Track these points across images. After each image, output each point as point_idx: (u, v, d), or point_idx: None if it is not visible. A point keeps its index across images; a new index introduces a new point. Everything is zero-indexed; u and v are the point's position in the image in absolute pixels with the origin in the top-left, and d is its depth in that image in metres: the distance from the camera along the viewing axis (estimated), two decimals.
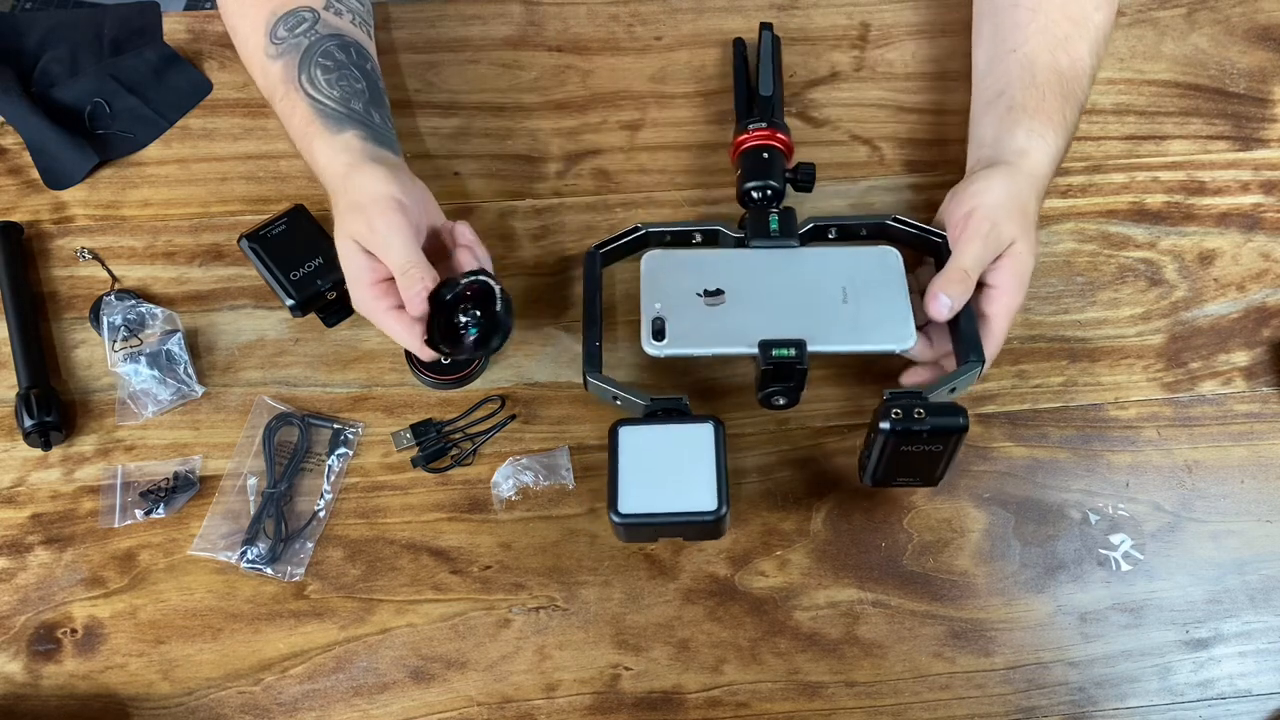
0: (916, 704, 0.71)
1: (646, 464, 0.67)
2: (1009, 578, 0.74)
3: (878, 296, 0.74)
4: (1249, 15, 0.92)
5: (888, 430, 0.65)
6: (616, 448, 0.68)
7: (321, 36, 0.77)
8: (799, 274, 0.75)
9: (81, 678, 0.71)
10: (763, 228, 0.77)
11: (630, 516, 0.66)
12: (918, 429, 0.65)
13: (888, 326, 0.73)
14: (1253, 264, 0.83)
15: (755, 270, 0.75)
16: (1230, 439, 0.78)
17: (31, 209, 0.84)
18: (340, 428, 0.77)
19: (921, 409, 0.65)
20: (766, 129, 0.80)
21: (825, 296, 0.74)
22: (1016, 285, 0.72)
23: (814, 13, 0.93)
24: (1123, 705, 0.71)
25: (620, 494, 0.66)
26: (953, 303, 0.71)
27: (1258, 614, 0.73)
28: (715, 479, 0.67)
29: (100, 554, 0.73)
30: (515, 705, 0.71)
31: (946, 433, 0.66)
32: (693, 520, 0.66)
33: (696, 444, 0.68)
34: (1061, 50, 0.79)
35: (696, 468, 0.67)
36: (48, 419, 0.75)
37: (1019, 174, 0.75)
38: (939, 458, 0.68)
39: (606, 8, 0.93)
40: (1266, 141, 0.88)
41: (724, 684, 0.71)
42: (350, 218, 0.71)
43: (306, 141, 0.76)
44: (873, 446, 0.68)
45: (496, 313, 0.71)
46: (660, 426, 0.69)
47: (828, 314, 0.73)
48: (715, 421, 0.69)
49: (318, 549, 0.74)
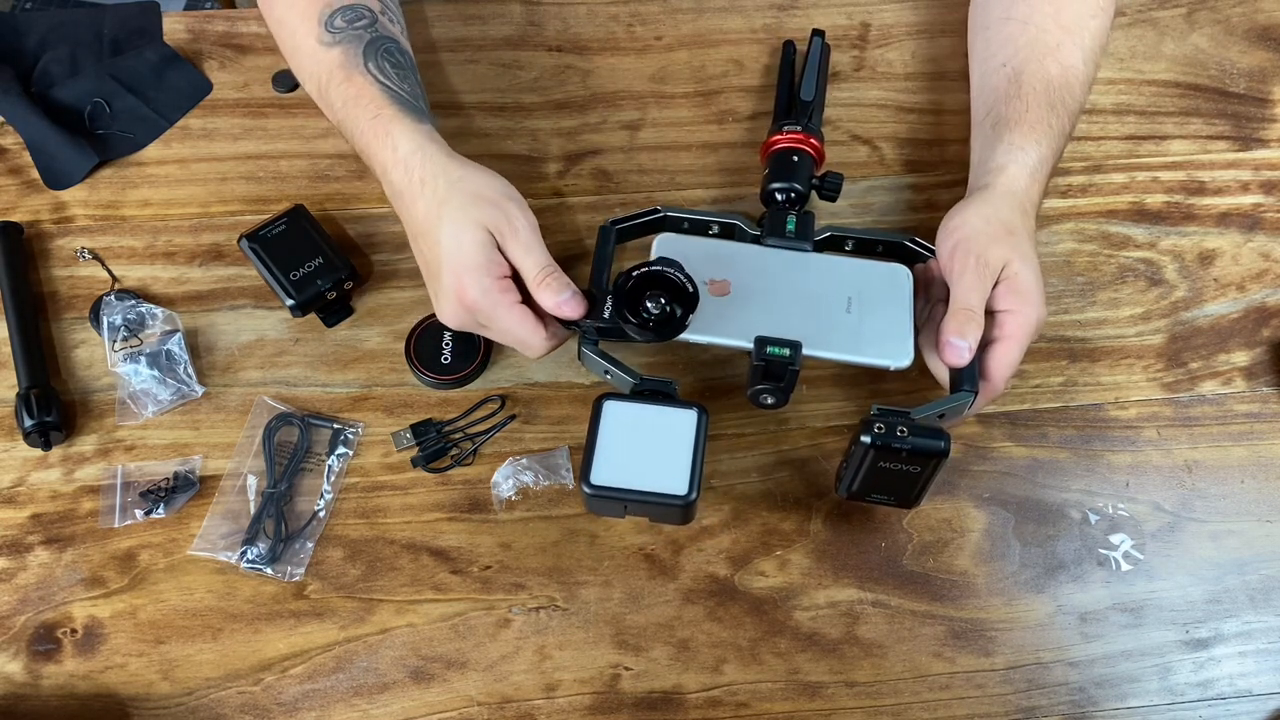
0: (916, 704, 0.71)
1: (625, 440, 0.68)
2: (1009, 578, 0.74)
3: (882, 312, 0.73)
4: (1249, 15, 0.92)
5: (868, 443, 0.65)
6: (598, 420, 0.68)
7: (381, 36, 0.78)
8: (807, 278, 0.75)
9: (81, 678, 0.71)
10: (779, 227, 0.76)
11: (601, 489, 0.66)
12: (898, 446, 0.65)
13: (886, 342, 0.72)
14: (1253, 264, 0.83)
15: (765, 268, 0.75)
16: (1230, 439, 0.78)
17: (31, 209, 0.84)
18: (340, 428, 0.77)
19: (905, 428, 0.65)
20: (801, 133, 0.80)
21: (829, 304, 0.74)
22: (1022, 303, 0.71)
23: (814, 13, 0.93)
24: (1123, 705, 0.71)
25: (594, 465, 0.67)
26: (968, 342, 0.69)
27: (1258, 614, 0.73)
28: (691, 465, 0.67)
29: (100, 554, 0.73)
30: (515, 705, 0.71)
31: (926, 455, 0.66)
32: (662, 502, 0.66)
33: (678, 428, 0.68)
34: (1052, 59, 0.78)
35: (674, 451, 0.67)
36: (48, 419, 0.75)
37: (994, 195, 0.74)
38: (916, 480, 0.68)
39: (606, 8, 0.93)
40: (1266, 141, 0.88)
41: (724, 684, 0.71)
42: (478, 208, 0.70)
43: (379, 124, 0.74)
44: (851, 458, 0.68)
45: (688, 312, 0.70)
46: (645, 406, 0.69)
47: (829, 321, 0.73)
48: (700, 409, 0.69)
49: (318, 549, 0.74)
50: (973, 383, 0.70)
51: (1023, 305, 0.70)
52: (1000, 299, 0.71)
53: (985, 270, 0.71)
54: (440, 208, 0.70)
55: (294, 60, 0.81)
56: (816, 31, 0.88)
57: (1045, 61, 0.78)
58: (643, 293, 0.69)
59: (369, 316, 0.81)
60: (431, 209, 0.70)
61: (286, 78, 0.88)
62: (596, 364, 0.72)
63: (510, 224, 0.70)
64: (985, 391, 0.71)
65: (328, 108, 0.78)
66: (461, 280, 0.69)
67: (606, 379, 0.73)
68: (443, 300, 0.71)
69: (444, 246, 0.69)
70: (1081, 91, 0.80)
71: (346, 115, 0.76)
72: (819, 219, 0.78)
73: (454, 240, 0.69)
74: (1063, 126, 0.78)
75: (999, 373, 0.70)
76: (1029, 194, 0.75)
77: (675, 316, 0.69)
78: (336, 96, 0.76)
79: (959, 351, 0.69)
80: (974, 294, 0.70)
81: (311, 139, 0.87)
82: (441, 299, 0.71)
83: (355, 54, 0.76)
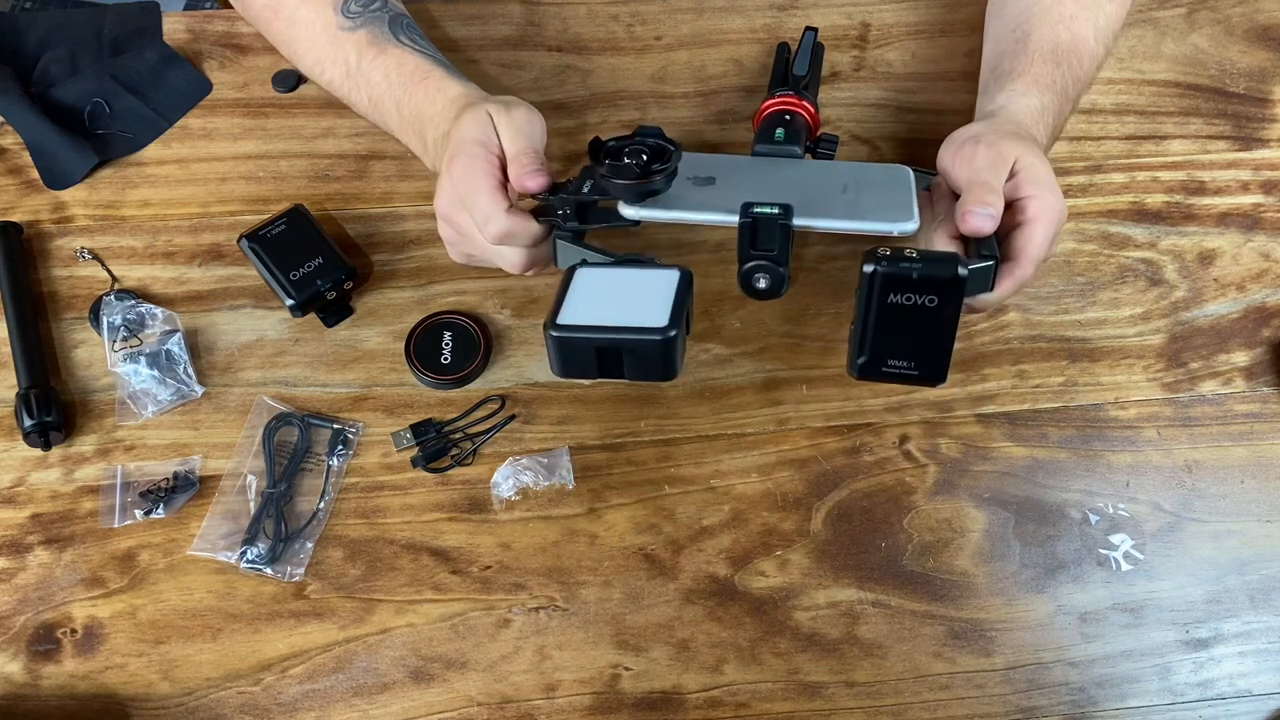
0: (916, 704, 0.71)
1: (600, 295, 0.60)
2: (1009, 578, 0.74)
3: (880, 191, 0.68)
4: (1249, 15, 0.92)
5: (872, 271, 0.58)
6: (569, 282, 0.61)
7: (399, 13, 0.80)
8: (799, 174, 0.70)
9: (81, 678, 0.71)
10: (768, 135, 0.72)
11: (569, 329, 0.58)
12: (906, 270, 0.58)
13: (888, 210, 0.66)
14: (1253, 264, 0.83)
15: (752, 168, 0.71)
16: (1230, 439, 0.78)
17: (31, 209, 0.84)
18: (340, 428, 0.77)
19: (914, 253, 0.58)
20: (794, 96, 0.76)
21: (824, 188, 0.68)
22: (1042, 188, 0.66)
23: (814, 13, 0.93)
24: (1123, 705, 0.71)
25: (562, 311, 0.59)
26: (991, 209, 0.63)
27: (1258, 614, 0.73)
28: (671, 304, 0.58)
29: (100, 554, 0.73)
30: (515, 705, 0.71)
31: (941, 283, 0.58)
32: (639, 340, 0.57)
33: (659, 284, 0.60)
34: (1064, 27, 0.78)
35: (654, 298, 0.59)
36: (47, 419, 0.75)
37: (994, 120, 0.73)
38: (936, 329, 0.60)
39: (606, 8, 0.93)
40: (1266, 141, 0.88)
41: (724, 684, 0.71)
42: (493, 103, 0.71)
43: (430, 84, 0.75)
44: (858, 308, 0.60)
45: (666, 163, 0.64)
46: (622, 269, 0.62)
47: (824, 197, 0.67)
48: (683, 270, 0.62)
49: (317, 549, 0.74)
50: (992, 249, 0.64)
51: (1043, 191, 0.66)
52: (1019, 188, 0.66)
53: (997, 154, 0.67)
54: (466, 112, 0.71)
55: (313, 53, 0.81)
56: (810, 28, 0.88)
57: (1056, 28, 0.78)
58: (621, 154, 0.64)
59: (369, 316, 0.81)
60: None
61: (286, 77, 0.88)
62: (572, 253, 0.66)
63: (509, 113, 0.70)
64: (1014, 274, 0.65)
65: (363, 85, 0.78)
66: (454, 154, 0.69)
67: None
68: (439, 183, 0.71)
69: (453, 134, 0.70)
70: (1090, 64, 0.79)
71: (389, 86, 0.77)
72: None
73: (462, 124, 0.70)
74: (1065, 86, 0.76)
75: (1028, 253, 0.65)
76: (1033, 130, 0.73)
77: (651, 167, 0.63)
78: (375, 70, 0.77)
79: (981, 217, 0.63)
80: (988, 172, 0.66)
81: (311, 139, 0.87)
82: (439, 182, 0.71)
83: (382, 30, 0.78)
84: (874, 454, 0.77)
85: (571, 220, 0.66)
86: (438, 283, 0.82)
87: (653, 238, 0.83)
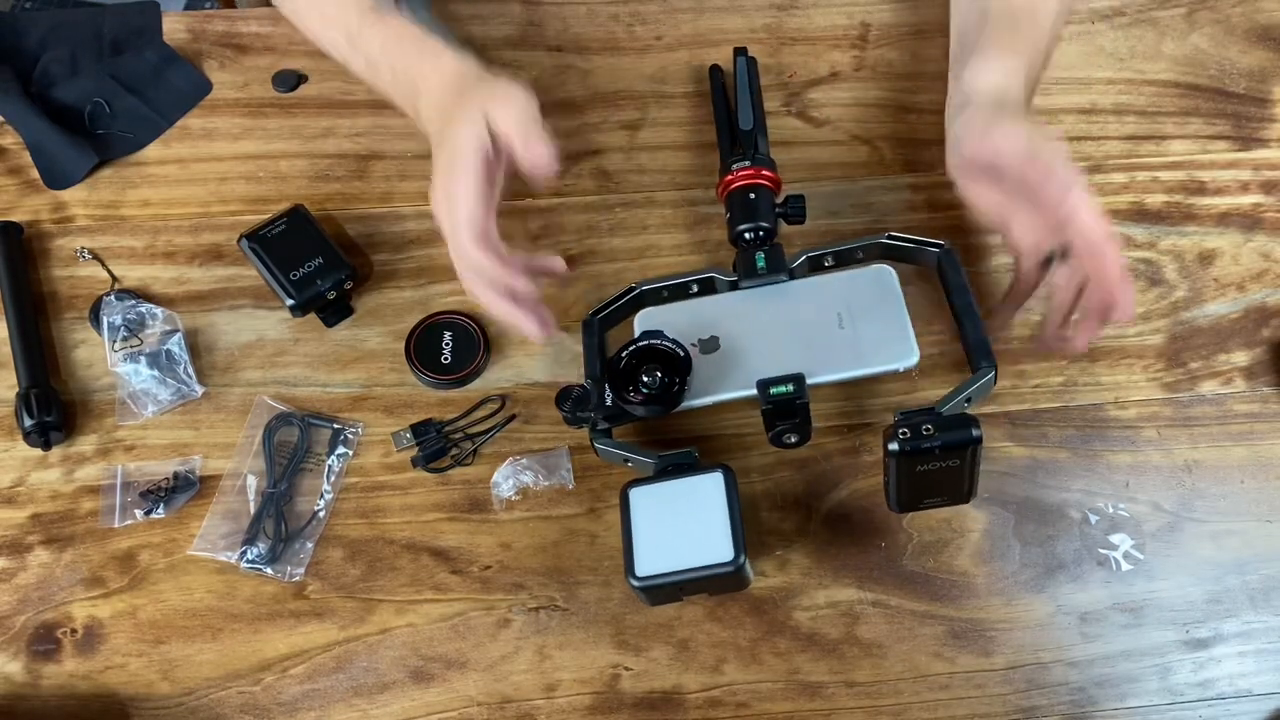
0: (916, 704, 0.71)
1: (659, 521, 0.68)
2: (1009, 578, 0.74)
3: (875, 317, 0.73)
4: (1249, 15, 0.92)
5: (896, 451, 0.64)
6: (628, 509, 0.68)
7: None
8: (793, 307, 0.75)
9: (81, 678, 0.71)
10: (751, 268, 0.76)
11: (649, 579, 0.66)
12: (928, 446, 0.64)
13: (889, 346, 0.72)
14: (1253, 264, 0.83)
15: (748, 311, 0.75)
16: (1230, 439, 0.78)
17: (31, 209, 0.84)
18: (340, 428, 0.77)
19: (930, 425, 0.64)
20: (751, 168, 0.79)
21: (821, 326, 0.73)
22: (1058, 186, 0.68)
23: (814, 13, 0.93)
24: (1123, 705, 0.71)
25: (636, 556, 0.67)
26: (1081, 337, 0.72)
27: (1258, 614, 0.73)
28: (729, 527, 0.66)
29: (100, 554, 0.73)
30: (515, 705, 0.71)
31: (959, 447, 0.64)
32: (713, 575, 0.66)
33: (708, 495, 0.68)
34: None
35: (710, 519, 0.67)
36: (48, 419, 0.75)
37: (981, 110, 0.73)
38: (960, 473, 0.66)
39: (606, 8, 0.93)
40: (1266, 141, 0.88)
41: (724, 684, 0.71)
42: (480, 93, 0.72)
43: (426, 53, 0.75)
44: (887, 472, 0.67)
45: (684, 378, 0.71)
46: (669, 482, 0.69)
47: (825, 342, 0.73)
48: (724, 469, 0.69)
49: (318, 549, 0.74)
50: (989, 358, 0.70)
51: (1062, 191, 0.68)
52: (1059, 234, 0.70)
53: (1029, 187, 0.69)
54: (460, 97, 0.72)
55: (314, 13, 0.81)
56: (739, 50, 0.86)
57: None
58: (637, 370, 0.70)
59: (369, 316, 0.81)
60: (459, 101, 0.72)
61: (287, 78, 0.88)
62: (614, 455, 0.73)
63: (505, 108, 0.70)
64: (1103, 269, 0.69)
65: (362, 48, 0.78)
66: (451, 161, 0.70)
67: (628, 466, 0.73)
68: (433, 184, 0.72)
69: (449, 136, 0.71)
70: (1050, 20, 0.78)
71: (385, 55, 0.77)
72: (800, 241, 0.78)
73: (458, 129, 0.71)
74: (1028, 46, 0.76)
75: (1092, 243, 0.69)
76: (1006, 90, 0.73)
77: (673, 385, 0.70)
78: (373, 37, 0.77)
79: (1074, 342, 0.73)
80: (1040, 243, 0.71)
81: (311, 139, 0.87)
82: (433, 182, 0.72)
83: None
84: (874, 454, 0.77)
85: (604, 424, 0.73)
86: (438, 283, 0.82)
87: None
